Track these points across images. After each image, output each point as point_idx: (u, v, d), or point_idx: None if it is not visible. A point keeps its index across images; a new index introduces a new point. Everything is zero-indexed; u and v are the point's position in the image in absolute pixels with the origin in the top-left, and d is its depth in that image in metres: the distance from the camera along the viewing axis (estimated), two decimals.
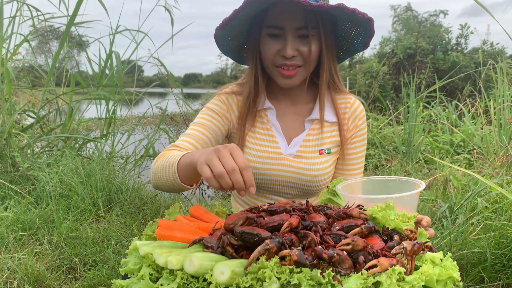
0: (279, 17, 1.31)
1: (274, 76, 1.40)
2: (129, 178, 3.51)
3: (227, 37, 1.38)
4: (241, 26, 1.36)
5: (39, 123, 3.74)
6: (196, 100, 7.11)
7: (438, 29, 9.73)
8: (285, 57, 1.32)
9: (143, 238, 1.01)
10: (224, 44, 1.42)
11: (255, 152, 1.44)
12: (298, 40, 1.32)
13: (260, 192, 1.51)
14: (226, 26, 1.30)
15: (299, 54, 1.33)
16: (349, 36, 1.44)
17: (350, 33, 1.43)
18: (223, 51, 1.46)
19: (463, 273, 1.96)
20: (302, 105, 1.51)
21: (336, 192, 1.22)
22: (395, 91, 7.82)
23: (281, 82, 1.38)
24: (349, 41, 1.46)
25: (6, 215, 2.55)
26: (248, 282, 0.73)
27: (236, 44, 1.46)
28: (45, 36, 4.46)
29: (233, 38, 1.41)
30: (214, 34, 1.35)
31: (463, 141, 4.60)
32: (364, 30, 1.38)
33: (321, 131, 1.47)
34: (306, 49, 1.33)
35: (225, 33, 1.35)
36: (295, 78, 1.37)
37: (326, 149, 1.45)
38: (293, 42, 1.31)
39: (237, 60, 1.56)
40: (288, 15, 1.30)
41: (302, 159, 1.43)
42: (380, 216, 0.95)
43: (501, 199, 2.39)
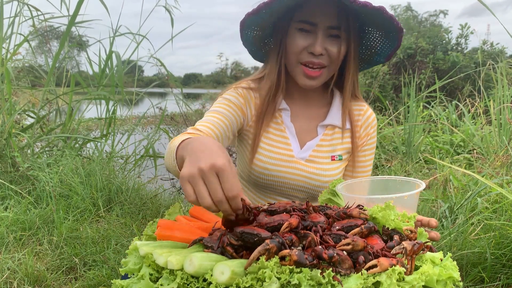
0: (313, 13, 1.28)
1: (296, 75, 1.35)
2: (129, 178, 3.51)
3: (254, 25, 1.34)
4: (272, 16, 1.32)
5: (39, 123, 3.74)
6: (196, 100, 7.12)
7: (438, 29, 9.74)
8: (313, 54, 1.30)
9: (143, 238, 1.01)
10: (247, 33, 1.37)
11: (268, 153, 1.41)
12: (328, 39, 1.30)
13: (267, 193, 1.49)
14: (261, 12, 1.26)
15: (327, 54, 1.31)
16: (373, 45, 1.43)
17: (375, 43, 1.42)
18: (244, 40, 1.41)
19: (463, 273, 1.96)
20: (316, 109, 1.48)
21: (336, 192, 1.22)
22: (395, 91, 7.82)
23: (303, 82, 1.35)
24: (372, 51, 1.44)
25: (6, 215, 2.55)
26: (248, 282, 0.73)
27: (259, 35, 1.41)
28: (45, 36, 4.46)
29: (260, 27, 1.37)
30: (242, 20, 1.31)
31: (463, 141, 4.61)
32: (391, 42, 1.36)
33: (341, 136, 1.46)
34: (334, 50, 1.31)
35: (255, 20, 1.30)
36: (317, 80, 1.34)
37: (338, 155, 1.44)
38: (323, 40, 1.29)
39: (253, 54, 1.51)
40: (323, 12, 1.28)
41: (314, 164, 1.42)
42: (380, 216, 0.95)
43: (501, 199, 2.39)
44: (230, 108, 1.39)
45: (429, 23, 10.27)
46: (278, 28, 1.37)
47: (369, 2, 1.21)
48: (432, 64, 8.07)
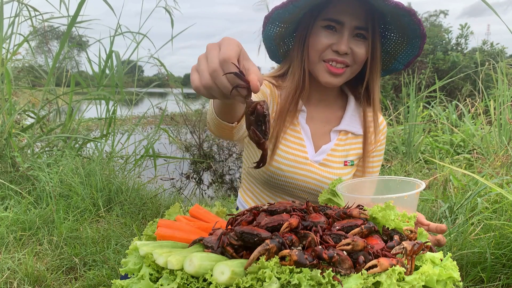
0: (340, 12, 1.27)
1: (318, 72, 1.32)
2: (129, 178, 3.51)
3: (279, 20, 1.32)
4: (298, 12, 1.30)
5: (39, 123, 3.75)
6: (196, 100, 7.11)
7: (438, 29, 9.73)
8: (337, 53, 1.28)
9: (143, 238, 1.01)
10: (271, 28, 1.35)
11: (284, 154, 1.40)
12: (353, 39, 1.29)
13: (277, 192, 1.49)
14: (289, 6, 1.24)
15: (351, 54, 1.29)
16: (393, 52, 1.42)
17: (395, 50, 1.40)
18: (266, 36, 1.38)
19: (463, 273, 1.96)
20: (331, 112, 1.47)
21: (336, 192, 1.22)
22: (395, 91, 7.82)
23: (325, 80, 1.32)
24: (391, 57, 1.43)
25: (6, 215, 2.55)
26: (248, 282, 0.73)
27: (282, 32, 1.39)
28: (45, 36, 4.47)
29: (285, 22, 1.34)
30: (268, 14, 1.30)
31: (463, 141, 4.61)
32: (412, 49, 1.35)
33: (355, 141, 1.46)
34: (359, 51, 1.29)
35: (282, 14, 1.29)
36: (341, 77, 1.32)
37: (350, 160, 1.44)
38: (349, 40, 1.28)
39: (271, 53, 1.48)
40: (351, 12, 1.27)
41: (327, 168, 1.42)
42: (380, 216, 0.95)
43: (501, 199, 2.39)
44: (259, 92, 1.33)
45: (429, 23, 10.26)
46: (303, 24, 1.34)
47: (401, 3, 1.20)
48: (432, 64, 8.07)
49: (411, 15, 1.22)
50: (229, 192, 4.41)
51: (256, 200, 1.57)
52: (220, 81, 0.73)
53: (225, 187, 4.65)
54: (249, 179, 1.55)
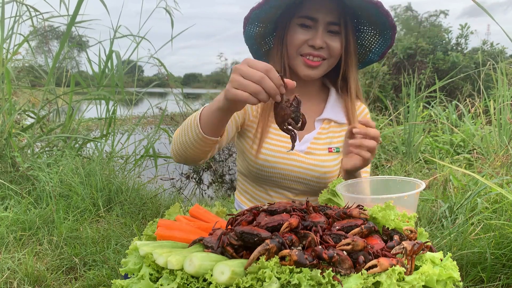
0: (314, 9, 1.36)
1: (297, 66, 1.41)
2: (129, 178, 3.51)
3: (258, 20, 1.41)
4: (274, 12, 1.39)
5: (39, 123, 3.75)
6: (196, 100, 7.12)
7: (438, 29, 9.72)
8: (313, 47, 1.37)
9: (143, 238, 1.01)
10: (250, 29, 1.45)
11: (269, 146, 1.46)
12: (328, 34, 1.38)
13: (268, 186, 1.53)
14: (265, 6, 1.33)
15: (326, 48, 1.38)
16: (367, 45, 1.51)
17: (369, 42, 1.49)
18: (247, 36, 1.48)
19: (463, 273, 1.96)
20: (314, 105, 1.54)
21: (336, 192, 1.22)
22: (395, 91, 7.82)
23: (304, 72, 1.40)
24: (367, 50, 1.52)
25: (6, 215, 2.55)
26: (248, 282, 0.73)
27: (261, 31, 1.48)
28: (45, 36, 4.46)
29: (263, 22, 1.43)
30: (247, 15, 1.39)
31: (463, 141, 4.60)
32: (384, 40, 1.44)
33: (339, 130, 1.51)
34: (334, 45, 1.38)
35: (259, 14, 1.38)
36: (318, 69, 1.40)
37: (335, 147, 1.49)
38: (323, 35, 1.37)
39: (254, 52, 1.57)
40: (323, 8, 1.36)
41: (312, 156, 1.46)
42: (380, 216, 0.95)
43: (501, 199, 2.39)
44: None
45: (429, 23, 10.27)
46: (280, 24, 1.44)
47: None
48: (432, 64, 8.07)
49: (378, 7, 1.32)
50: (229, 192, 4.41)
51: (251, 199, 1.60)
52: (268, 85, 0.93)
53: (225, 187, 4.65)
54: (242, 178, 1.62)
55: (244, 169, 1.55)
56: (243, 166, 1.55)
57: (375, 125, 1.49)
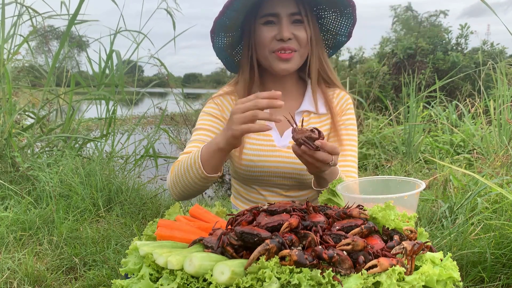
0: (272, 5, 1.39)
1: (271, 62, 1.43)
2: (129, 178, 3.51)
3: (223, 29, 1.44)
4: (237, 17, 1.41)
5: (39, 123, 3.74)
6: (196, 100, 7.11)
7: (438, 29, 9.72)
8: (282, 41, 1.39)
9: (143, 238, 1.01)
10: (219, 41, 1.47)
11: (251, 146, 1.48)
12: (292, 25, 1.40)
13: (259, 185, 1.55)
14: (226, 12, 1.35)
15: (294, 38, 1.40)
16: (333, 28, 1.53)
17: (334, 25, 1.51)
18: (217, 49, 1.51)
19: (463, 273, 1.96)
20: (292, 99, 1.55)
21: (336, 192, 1.22)
22: (395, 91, 7.82)
23: (279, 67, 1.42)
24: (334, 34, 1.54)
25: (6, 215, 2.55)
26: (248, 282, 0.74)
27: (229, 41, 1.50)
28: (45, 36, 4.46)
29: (229, 30, 1.45)
30: (211, 28, 1.41)
31: (463, 141, 4.60)
32: (347, 19, 1.46)
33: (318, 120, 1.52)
34: (300, 34, 1.40)
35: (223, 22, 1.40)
36: (291, 62, 1.42)
37: None
38: (289, 27, 1.39)
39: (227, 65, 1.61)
40: (282, 2, 1.38)
41: None
42: (380, 216, 0.95)
43: (501, 199, 2.39)
44: (212, 122, 1.52)
45: (429, 23, 10.26)
46: (246, 29, 1.47)
47: None
48: (432, 64, 8.06)
49: None
50: (229, 192, 4.40)
51: (246, 201, 1.62)
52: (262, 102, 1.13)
53: (225, 187, 4.65)
54: (235, 182, 1.66)
55: (234, 173, 1.58)
56: (233, 170, 1.58)
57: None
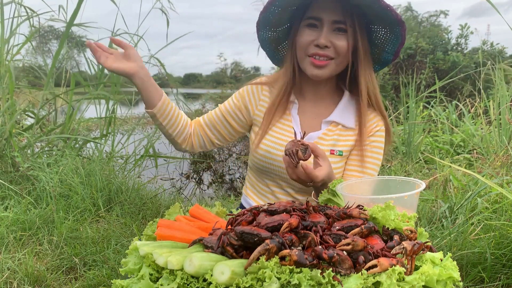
0: (319, 9, 1.38)
1: (305, 66, 1.43)
2: (129, 178, 3.51)
3: (267, 24, 1.45)
4: (281, 14, 1.42)
5: (39, 123, 3.74)
6: (196, 100, 7.11)
7: (438, 29, 9.72)
8: (318, 47, 1.38)
9: (143, 238, 1.01)
10: (263, 34, 1.49)
11: (271, 138, 1.50)
12: (334, 33, 1.38)
13: (270, 179, 1.56)
14: (270, 7, 1.36)
15: (332, 47, 1.38)
16: (380, 43, 1.49)
17: (381, 40, 1.48)
18: (261, 41, 1.52)
19: (463, 273, 1.96)
20: (324, 107, 1.54)
21: (336, 192, 1.22)
22: (395, 91, 7.81)
23: (312, 72, 1.41)
24: (380, 48, 1.50)
25: (6, 215, 2.55)
26: (248, 282, 0.73)
27: (274, 36, 1.52)
28: (45, 37, 4.46)
29: (274, 26, 1.47)
30: (257, 21, 1.43)
31: (463, 141, 4.60)
32: (396, 37, 1.42)
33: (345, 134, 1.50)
34: (339, 43, 1.38)
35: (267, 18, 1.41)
36: (325, 69, 1.41)
37: (338, 150, 1.47)
38: (328, 33, 1.37)
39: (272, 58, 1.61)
40: (328, 8, 1.37)
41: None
42: (380, 216, 0.95)
43: (501, 199, 2.39)
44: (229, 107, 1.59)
45: (429, 23, 10.25)
46: (293, 29, 1.47)
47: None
48: (432, 64, 8.06)
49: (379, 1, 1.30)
50: (229, 192, 4.40)
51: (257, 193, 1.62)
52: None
53: (225, 187, 4.65)
54: (250, 172, 1.66)
55: (250, 161, 1.60)
56: (250, 159, 1.60)
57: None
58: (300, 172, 1.18)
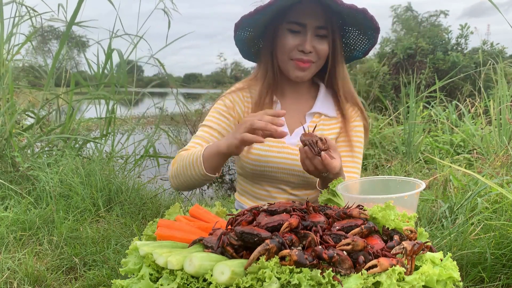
0: (302, 15, 1.40)
1: (288, 68, 1.47)
2: (129, 178, 3.51)
3: (248, 26, 1.47)
4: (265, 17, 1.43)
5: (39, 123, 3.74)
6: (196, 100, 7.11)
7: (438, 29, 9.71)
8: (303, 52, 1.42)
9: (143, 238, 1.01)
10: (241, 34, 1.50)
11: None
12: (316, 38, 1.43)
13: (265, 181, 1.57)
14: (256, 15, 1.38)
15: (315, 51, 1.43)
16: (352, 43, 1.56)
17: (354, 41, 1.55)
18: (238, 40, 1.53)
19: (463, 273, 1.96)
20: (305, 101, 1.59)
21: (336, 192, 1.22)
22: (395, 91, 7.81)
23: (295, 75, 1.46)
24: (351, 48, 1.58)
25: (6, 215, 2.55)
26: (248, 282, 0.74)
27: (252, 35, 1.53)
28: (45, 37, 4.46)
29: (253, 27, 1.49)
30: (238, 22, 1.43)
31: (463, 141, 4.60)
32: (368, 39, 1.49)
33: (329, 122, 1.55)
34: (321, 47, 1.43)
35: (250, 22, 1.43)
36: (308, 71, 1.46)
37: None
38: (312, 39, 1.41)
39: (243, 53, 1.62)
40: (311, 13, 1.40)
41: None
42: (380, 216, 0.95)
43: (501, 199, 2.39)
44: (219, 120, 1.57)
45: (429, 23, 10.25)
46: (269, 28, 1.48)
47: (354, 4, 1.34)
48: (432, 64, 8.06)
49: (365, 13, 1.36)
50: (229, 192, 4.40)
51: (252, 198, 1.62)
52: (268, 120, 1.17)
53: (225, 187, 4.65)
54: (241, 178, 1.67)
55: (241, 168, 1.60)
56: (239, 166, 1.60)
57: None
58: (317, 163, 1.19)
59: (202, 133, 1.53)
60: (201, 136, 1.52)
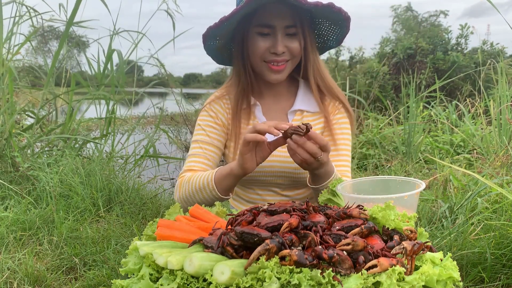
0: (269, 16, 1.38)
1: (263, 71, 1.46)
2: (129, 178, 3.51)
3: (216, 35, 1.44)
4: (232, 26, 1.42)
5: (39, 123, 3.74)
6: (196, 100, 7.11)
7: (438, 29, 9.71)
8: (275, 54, 1.41)
9: (143, 238, 1.01)
10: (210, 43, 1.48)
11: None
12: (287, 37, 1.41)
13: (256, 185, 1.57)
14: (222, 25, 1.35)
15: (287, 51, 1.42)
16: (325, 34, 1.54)
17: (326, 31, 1.53)
18: (208, 49, 1.52)
19: (463, 273, 1.96)
20: (285, 100, 1.58)
21: (336, 192, 1.22)
22: (395, 91, 7.81)
23: (270, 77, 1.45)
24: (325, 39, 1.56)
25: (6, 215, 2.55)
26: (248, 282, 0.73)
27: (221, 43, 1.51)
28: (45, 36, 4.46)
29: (221, 36, 1.46)
30: (204, 33, 1.41)
31: (463, 141, 4.60)
32: (340, 28, 1.47)
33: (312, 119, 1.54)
34: (293, 46, 1.42)
35: (218, 32, 1.40)
36: (283, 72, 1.45)
37: None
38: (283, 40, 1.40)
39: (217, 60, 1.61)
40: (278, 14, 1.38)
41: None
42: (380, 216, 0.95)
43: (501, 199, 2.38)
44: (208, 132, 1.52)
45: (429, 23, 10.25)
46: (237, 34, 1.47)
47: (319, 1, 1.32)
48: (432, 64, 8.06)
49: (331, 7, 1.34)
50: None
51: (245, 202, 1.63)
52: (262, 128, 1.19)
53: None
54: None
55: None
56: None
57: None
58: (310, 146, 1.15)
59: (196, 150, 1.51)
60: (196, 153, 1.50)
